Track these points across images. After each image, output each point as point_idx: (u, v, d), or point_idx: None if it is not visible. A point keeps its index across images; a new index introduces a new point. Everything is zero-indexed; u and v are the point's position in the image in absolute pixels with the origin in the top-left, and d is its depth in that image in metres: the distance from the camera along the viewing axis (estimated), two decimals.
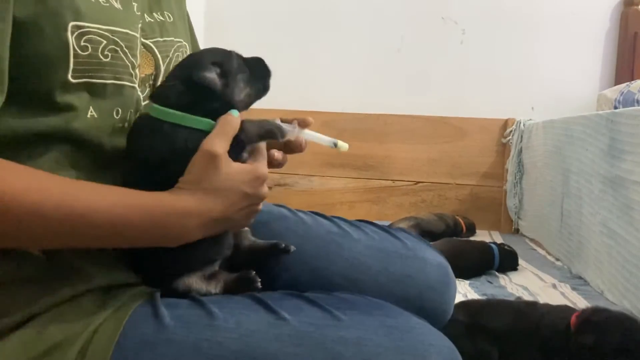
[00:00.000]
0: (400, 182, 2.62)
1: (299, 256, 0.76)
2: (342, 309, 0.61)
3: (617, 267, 1.39)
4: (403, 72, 2.65)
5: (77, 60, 0.57)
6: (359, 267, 0.78)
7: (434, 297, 0.80)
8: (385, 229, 0.86)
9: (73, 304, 0.57)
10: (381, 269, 0.78)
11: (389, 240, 0.83)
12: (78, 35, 0.57)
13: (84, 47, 0.57)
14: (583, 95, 2.49)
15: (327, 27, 2.67)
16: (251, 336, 0.57)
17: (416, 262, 0.81)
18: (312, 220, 0.84)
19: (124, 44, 0.62)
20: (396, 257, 0.80)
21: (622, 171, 1.39)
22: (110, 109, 0.63)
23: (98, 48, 0.59)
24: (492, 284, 1.63)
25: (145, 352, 0.55)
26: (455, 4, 2.61)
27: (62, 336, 0.54)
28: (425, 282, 0.79)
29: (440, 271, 0.82)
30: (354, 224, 0.85)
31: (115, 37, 0.60)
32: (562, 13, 2.52)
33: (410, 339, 0.59)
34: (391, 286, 0.78)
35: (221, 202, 0.61)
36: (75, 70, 0.57)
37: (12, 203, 0.51)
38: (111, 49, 0.60)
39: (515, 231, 2.47)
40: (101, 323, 0.56)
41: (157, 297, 0.61)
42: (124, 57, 0.62)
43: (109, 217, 0.56)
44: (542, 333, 1.02)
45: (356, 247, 0.80)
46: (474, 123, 2.57)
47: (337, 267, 0.78)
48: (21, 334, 0.55)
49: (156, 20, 0.73)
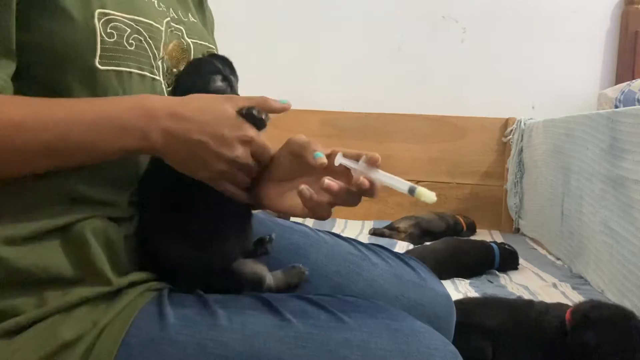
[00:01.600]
0: None
1: (322, 271, 0.80)
2: (346, 311, 0.61)
3: (617, 267, 1.39)
4: (403, 72, 2.65)
5: (104, 46, 0.60)
6: (377, 290, 0.81)
7: (441, 326, 0.81)
8: (398, 255, 0.89)
9: (84, 304, 0.58)
10: (398, 294, 0.81)
11: (403, 268, 0.86)
12: (104, 22, 0.59)
13: (110, 33, 0.60)
14: (584, 94, 2.49)
15: (327, 26, 2.67)
16: (255, 337, 0.57)
17: (428, 292, 0.83)
18: (332, 240, 0.87)
19: (147, 34, 0.64)
20: (411, 284, 0.83)
21: (622, 170, 1.39)
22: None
23: (123, 36, 0.61)
24: (492, 284, 1.63)
25: (150, 351, 0.56)
26: (456, 2, 2.61)
27: (72, 335, 0.55)
28: (436, 313, 0.82)
29: (447, 302, 0.85)
30: (370, 248, 0.88)
31: (138, 27, 0.63)
32: (562, 12, 2.52)
33: (415, 343, 0.59)
34: (405, 311, 0.80)
35: (198, 123, 0.58)
36: (102, 57, 0.60)
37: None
38: (135, 37, 0.63)
39: (516, 230, 2.47)
40: (109, 322, 0.57)
41: (165, 295, 0.62)
42: (147, 47, 0.64)
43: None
44: (539, 329, 1.02)
45: (375, 271, 0.83)
46: (475, 122, 2.57)
47: (358, 288, 0.80)
48: (33, 333, 0.56)
49: (191, 21, 0.76)
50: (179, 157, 0.61)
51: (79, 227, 0.60)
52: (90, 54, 0.59)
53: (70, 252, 0.59)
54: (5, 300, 0.57)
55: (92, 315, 0.57)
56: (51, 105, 0.58)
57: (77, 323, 0.56)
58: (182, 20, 0.74)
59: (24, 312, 0.56)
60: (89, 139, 0.58)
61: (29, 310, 0.57)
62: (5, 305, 0.57)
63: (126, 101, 0.60)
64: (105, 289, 0.59)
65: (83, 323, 0.56)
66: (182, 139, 0.59)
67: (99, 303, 0.59)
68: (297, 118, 2.61)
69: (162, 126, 0.58)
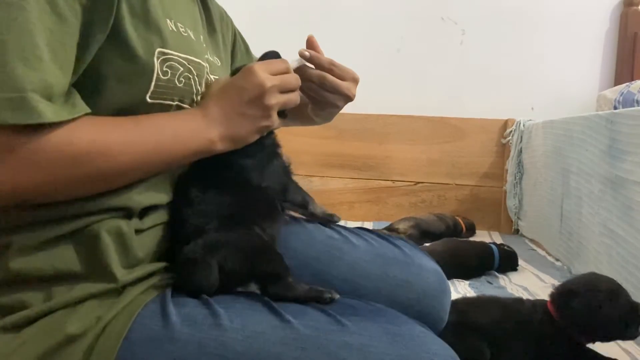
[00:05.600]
0: (400, 182, 2.62)
1: (302, 259, 0.80)
2: (346, 314, 0.62)
3: (617, 268, 1.39)
4: (403, 72, 2.65)
5: (158, 83, 0.62)
6: (360, 272, 0.81)
7: (432, 302, 0.82)
8: (383, 236, 0.89)
9: (89, 300, 0.59)
10: (381, 274, 0.81)
11: (387, 247, 0.86)
12: (162, 60, 0.62)
13: (165, 72, 0.63)
14: (583, 95, 2.49)
15: (327, 27, 2.67)
16: (256, 338, 0.57)
17: (414, 268, 0.83)
18: (314, 226, 0.87)
19: (196, 72, 0.67)
20: (395, 263, 0.83)
21: (621, 171, 1.39)
22: None
23: (176, 74, 0.64)
24: (492, 285, 1.63)
25: (152, 349, 0.57)
26: (455, 4, 2.61)
27: (76, 330, 0.56)
28: (424, 288, 0.82)
29: (437, 277, 0.85)
30: (353, 231, 0.88)
31: (190, 66, 0.66)
32: (562, 13, 2.52)
33: (414, 347, 0.59)
34: (390, 290, 0.80)
35: (223, 97, 0.68)
36: (154, 92, 0.62)
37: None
38: (185, 75, 0.66)
39: (515, 231, 2.47)
40: (112, 318, 0.58)
41: (168, 294, 0.63)
42: (193, 84, 0.68)
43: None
44: (530, 325, 1.04)
45: (356, 253, 0.83)
46: (474, 123, 2.57)
47: (339, 272, 0.80)
48: (40, 326, 0.57)
49: (215, 62, 0.80)
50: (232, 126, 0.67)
51: (92, 227, 0.61)
52: (145, 90, 0.61)
53: (81, 249, 0.60)
54: (13, 295, 0.58)
55: (97, 311, 0.58)
56: (137, 123, 0.61)
57: (82, 318, 0.57)
58: (209, 59, 0.77)
59: (31, 306, 0.58)
60: (175, 148, 0.64)
61: (36, 305, 0.58)
62: (14, 299, 0.58)
63: (183, 114, 0.67)
64: (110, 286, 0.60)
65: (87, 318, 0.57)
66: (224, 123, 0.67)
67: (104, 299, 0.59)
68: None
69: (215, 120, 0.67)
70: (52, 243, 0.59)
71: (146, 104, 0.62)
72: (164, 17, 0.64)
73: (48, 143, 0.54)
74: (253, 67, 0.68)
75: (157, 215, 0.68)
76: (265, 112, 0.68)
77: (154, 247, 0.67)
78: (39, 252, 0.59)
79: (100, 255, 0.60)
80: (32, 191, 0.55)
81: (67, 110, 0.55)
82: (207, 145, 0.66)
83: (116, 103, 0.61)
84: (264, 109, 0.68)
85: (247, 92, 0.67)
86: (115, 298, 0.60)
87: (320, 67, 0.80)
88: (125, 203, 0.63)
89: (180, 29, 0.67)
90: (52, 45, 0.53)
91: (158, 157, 0.62)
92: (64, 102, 0.55)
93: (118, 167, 0.59)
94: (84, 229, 0.60)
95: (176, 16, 0.67)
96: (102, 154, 0.57)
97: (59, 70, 0.54)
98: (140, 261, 0.65)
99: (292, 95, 0.72)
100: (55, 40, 0.54)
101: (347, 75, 0.82)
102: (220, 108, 0.67)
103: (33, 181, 0.54)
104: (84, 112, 0.57)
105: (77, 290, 0.59)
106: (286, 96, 0.70)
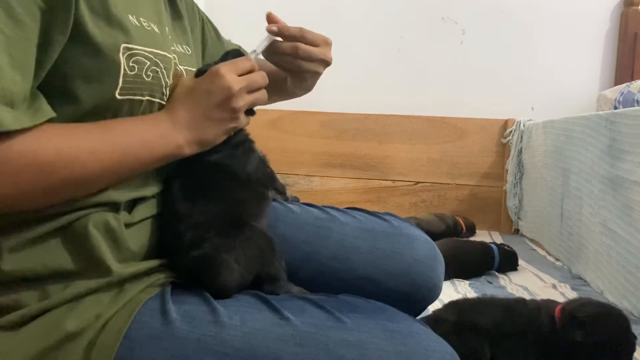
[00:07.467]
0: (400, 182, 2.62)
1: (291, 243, 0.82)
2: (344, 311, 0.62)
3: (617, 268, 1.39)
4: (403, 72, 2.65)
5: (125, 79, 0.61)
6: (348, 248, 0.82)
7: (423, 270, 0.83)
8: (371, 212, 0.90)
9: (88, 297, 0.59)
10: (370, 247, 0.82)
11: (375, 221, 0.87)
12: (128, 56, 0.61)
13: (131, 67, 0.62)
14: (583, 95, 2.49)
15: (327, 27, 2.65)
16: (255, 335, 0.58)
17: (403, 238, 0.84)
18: (301, 209, 0.89)
19: (163, 65, 0.67)
20: (383, 235, 0.84)
21: (622, 171, 1.39)
22: None
23: (143, 68, 0.63)
24: (492, 284, 1.63)
25: (151, 346, 0.57)
26: (455, 4, 2.61)
27: (75, 327, 0.56)
28: (414, 257, 0.83)
29: (427, 246, 0.86)
30: (342, 210, 0.89)
31: (157, 59, 0.65)
32: (562, 13, 2.52)
33: (413, 344, 0.59)
34: (380, 262, 0.82)
35: (190, 101, 0.68)
36: (122, 89, 0.61)
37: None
38: (153, 69, 0.65)
39: (515, 231, 2.47)
40: (112, 315, 0.58)
41: (167, 291, 0.63)
42: (161, 77, 0.67)
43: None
44: (532, 327, 1.03)
45: (344, 230, 0.84)
46: (474, 123, 2.57)
47: (328, 250, 0.82)
48: (37, 325, 0.57)
49: (184, 52, 0.79)
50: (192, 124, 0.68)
51: (79, 222, 0.60)
52: (113, 87, 0.61)
53: (71, 246, 0.60)
54: (8, 295, 0.58)
55: (96, 309, 0.58)
56: (104, 130, 0.61)
57: (81, 316, 0.57)
58: (176, 50, 0.76)
59: (27, 305, 0.57)
60: (142, 154, 0.64)
61: (32, 304, 0.58)
62: (10, 299, 0.58)
63: (150, 119, 0.67)
64: (107, 280, 0.60)
65: (86, 316, 0.57)
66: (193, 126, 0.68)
67: (102, 295, 0.60)
68: (297, 119, 2.61)
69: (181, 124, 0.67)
70: (40, 241, 0.59)
71: (116, 101, 0.62)
72: (126, 13, 0.63)
73: (11, 152, 0.53)
74: (219, 69, 0.68)
75: (147, 207, 0.68)
76: (233, 115, 0.69)
77: (148, 240, 0.67)
78: (29, 251, 0.58)
79: (92, 250, 0.60)
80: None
81: (29, 116, 0.54)
82: (174, 149, 0.66)
83: (86, 102, 0.60)
84: (231, 111, 0.68)
85: (214, 96, 0.67)
86: (114, 294, 0.60)
87: (291, 37, 0.80)
88: (109, 197, 0.63)
89: (143, 23, 0.66)
90: (10, 51, 0.52)
91: (126, 163, 0.62)
92: (26, 108, 0.54)
93: (86, 175, 0.58)
94: (71, 225, 0.60)
95: (138, 11, 0.66)
96: (68, 164, 0.56)
97: (19, 75, 0.53)
98: (135, 255, 0.65)
99: (259, 94, 0.72)
100: (12, 45, 0.52)
101: (319, 40, 0.82)
102: (187, 112, 0.67)
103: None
104: (47, 117, 0.56)
105: (74, 287, 0.59)
106: (253, 96, 0.71)
